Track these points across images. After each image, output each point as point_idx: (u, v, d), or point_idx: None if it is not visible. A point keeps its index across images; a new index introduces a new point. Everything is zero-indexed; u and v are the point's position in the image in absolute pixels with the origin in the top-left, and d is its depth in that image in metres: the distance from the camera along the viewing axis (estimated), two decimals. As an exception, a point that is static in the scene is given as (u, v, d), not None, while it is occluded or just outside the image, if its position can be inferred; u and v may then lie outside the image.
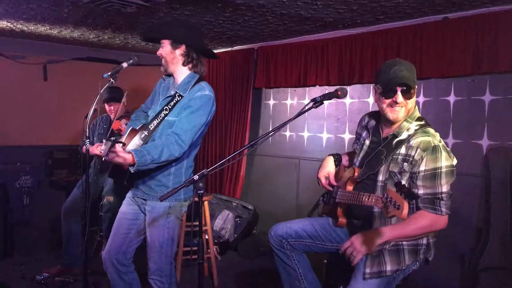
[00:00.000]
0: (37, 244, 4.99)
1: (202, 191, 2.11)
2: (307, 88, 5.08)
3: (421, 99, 4.10)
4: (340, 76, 4.57)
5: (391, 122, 2.35)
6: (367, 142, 2.52)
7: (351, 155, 2.72)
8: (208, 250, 4.27)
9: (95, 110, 4.05)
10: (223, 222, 5.27)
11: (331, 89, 4.76)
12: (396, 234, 2.24)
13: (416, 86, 2.31)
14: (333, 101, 4.82)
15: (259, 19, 4.11)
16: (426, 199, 2.21)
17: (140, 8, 3.66)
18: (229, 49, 5.74)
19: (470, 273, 3.61)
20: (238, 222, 5.24)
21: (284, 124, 2.31)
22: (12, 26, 4.57)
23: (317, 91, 4.98)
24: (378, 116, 2.48)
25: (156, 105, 2.80)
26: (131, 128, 2.74)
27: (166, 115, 2.67)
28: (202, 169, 2.08)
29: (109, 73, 2.66)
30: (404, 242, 2.29)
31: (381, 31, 4.22)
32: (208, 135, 5.83)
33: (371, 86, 4.46)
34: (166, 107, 2.69)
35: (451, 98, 3.94)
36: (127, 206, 2.81)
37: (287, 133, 5.30)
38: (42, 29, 4.68)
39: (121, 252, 2.78)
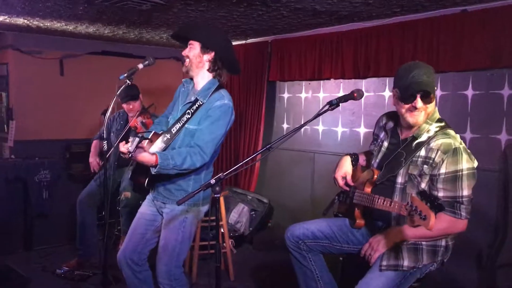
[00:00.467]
0: (56, 237, 5.10)
1: (218, 195, 2.13)
2: (321, 82, 5.05)
3: (438, 93, 4.04)
4: (355, 70, 4.53)
5: (410, 126, 2.33)
6: (386, 143, 2.50)
7: (368, 154, 2.71)
8: (224, 244, 4.31)
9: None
10: (238, 215, 5.30)
11: (346, 82, 4.79)
12: (414, 234, 2.23)
13: (436, 88, 2.29)
14: (348, 94, 4.78)
15: (273, 13, 4.07)
16: (446, 202, 2.19)
17: (154, 5, 3.66)
18: (243, 42, 5.72)
19: (488, 270, 3.59)
20: (253, 215, 5.27)
21: (300, 127, 2.32)
22: (28, 22, 4.60)
23: (332, 84, 4.94)
24: (396, 117, 2.46)
25: (177, 111, 2.82)
26: (153, 132, 2.77)
27: (187, 119, 2.69)
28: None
29: (125, 75, 2.68)
30: (423, 242, 2.29)
31: (397, 24, 4.16)
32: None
33: (387, 79, 4.42)
34: (188, 111, 2.70)
35: (469, 92, 3.88)
36: (146, 207, 2.85)
37: (296, 127, 5.28)
38: (57, 25, 4.72)
39: (137, 252, 2.81)
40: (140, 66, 2.74)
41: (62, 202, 5.20)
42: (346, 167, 2.64)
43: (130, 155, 2.40)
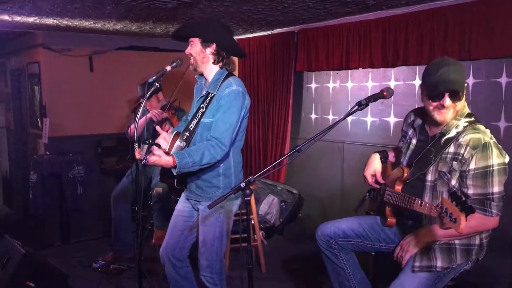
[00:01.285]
0: (92, 230, 5.26)
1: (249, 198, 2.15)
2: (349, 71, 4.98)
3: (471, 80, 3.94)
4: (384, 58, 4.45)
5: (438, 123, 2.28)
6: (414, 141, 2.46)
7: (397, 151, 2.67)
8: (255, 236, 4.34)
9: (139, 104, 4.16)
10: (268, 207, 5.33)
11: (375, 71, 4.71)
12: (445, 234, 2.20)
13: (466, 84, 2.23)
14: (377, 83, 4.72)
15: (299, 5, 4.02)
16: (476, 200, 2.15)
17: (180, 3, 3.67)
18: (269, 32, 5.68)
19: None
20: (283, 206, 5.29)
21: (330, 128, 2.29)
22: (57, 22, 4.68)
23: (360, 73, 4.87)
24: (424, 114, 2.41)
25: (193, 107, 2.88)
26: (176, 131, 2.82)
27: (202, 114, 2.72)
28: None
29: (153, 78, 2.70)
30: (456, 241, 2.25)
31: (427, 11, 4.05)
32: (250, 120, 5.85)
33: (417, 68, 4.33)
34: (202, 105, 2.75)
35: (503, 80, 3.77)
36: (182, 204, 2.92)
37: (330, 117, 5.24)
38: (86, 24, 4.79)
39: (178, 248, 2.89)
40: (168, 68, 2.76)
41: (96, 196, 5.35)
42: (375, 164, 2.62)
43: (144, 162, 2.45)
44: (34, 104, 5.84)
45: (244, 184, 2.13)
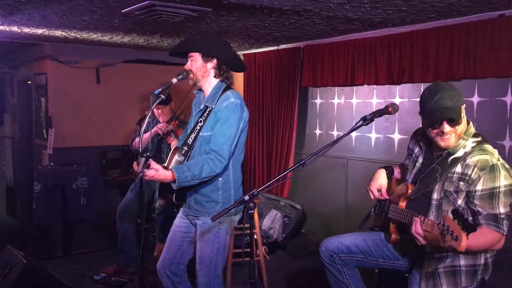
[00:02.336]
0: (94, 241, 5.24)
1: (252, 211, 2.15)
2: (354, 87, 4.99)
3: (476, 99, 3.94)
4: (389, 75, 4.46)
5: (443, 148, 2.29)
6: (420, 159, 2.46)
7: (403, 168, 2.67)
8: (257, 251, 4.32)
9: (145, 116, 4.18)
10: (271, 221, 5.31)
11: (380, 88, 4.72)
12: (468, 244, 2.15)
13: (463, 106, 2.23)
14: (382, 100, 4.73)
15: (305, 21, 4.06)
16: (489, 216, 2.14)
17: (187, 17, 3.71)
18: (275, 48, 5.72)
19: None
20: (286, 221, 5.27)
21: (334, 143, 2.29)
22: (66, 34, 4.74)
23: (365, 90, 4.89)
24: None
25: (191, 121, 2.89)
26: (175, 146, 2.83)
27: (201, 127, 2.73)
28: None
29: (159, 90, 2.71)
30: (461, 263, 2.23)
31: (432, 29, 4.08)
32: (255, 135, 5.87)
33: (422, 85, 4.34)
34: (200, 119, 2.76)
35: (508, 99, 3.77)
36: (179, 219, 2.90)
37: (335, 133, 5.25)
38: (94, 36, 4.84)
39: (175, 263, 2.87)
40: (174, 80, 2.77)
41: (100, 207, 5.35)
42: (381, 179, 2.61)
43: (141, 175, 2.45)
44: (40, 115, 5.88)
45: (248, 197, 2.13)
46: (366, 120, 2.27)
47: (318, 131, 5.47)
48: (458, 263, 2.24)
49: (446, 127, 2.18)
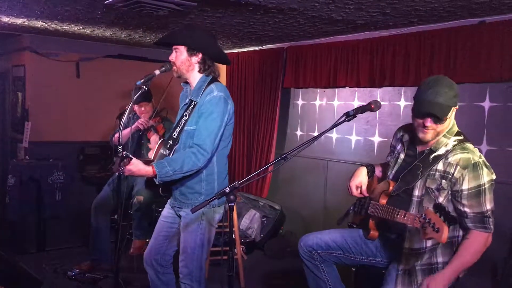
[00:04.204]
0: (69, 238, 5.13)
1: (233, 204, 2.13)
2: (336, 89, 5.03)
3: (455, 104, 4.00)
4: (371, 78, 4.51)
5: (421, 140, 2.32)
6: (402, 155, 2.48)
7: (385, 166, 2.69)
8: (235, 250, 4.29)
9: (125, 110, 4.13)
10: (249, 221, 5.29)
11: (361, 91, 4.77)
12: (459, 266, 2.20)
13: (454, 108, 2.25)
14: (363, 102, 4.76)
15: (289, 21, 4.08)
16: (476, 218, 2.18)
17: (171, 11, 3.68)
18: (258, 48, 5.73)
19: (503, 283, 3.54)
20: (265, 222, 5.26)
21: (317, 137, 2.30)
22: (46, 25, 4.66)
23: (347, 92, 4.93)
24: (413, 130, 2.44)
25: (178, 114, 2.87)
26: (162, 139, 2.82)
27: (185, 122, 2.73)
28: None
29: (141, 81, 2.67)
30: (439, 260, 2.25)
31: (414, 34, 4.14)
32: (235, 134, 5.85)
33: (402, 88, 4.40)
34: (185, 113, 2.76)
35: (486, 104, 3.84)
36: (167, 211, 2.91)
37: (316, 134, 5.27)
38: (75, 28, 4.76)
39: (161, 253, 2.87)
40: (157, 72, 2.73)
41: (75, 204, 5.24)
42: (361, 177, 2.62)
43: (119, 173, 2.44)
44: (17, 108, 5.75)
45: (228, 189, 2.11)
46: (349, 116, 2.28)
47: (299, 132, 5.48)
48: (436, 261, 2.26)
49: (428, 122, 2.21)
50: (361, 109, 2.30)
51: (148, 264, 2.91)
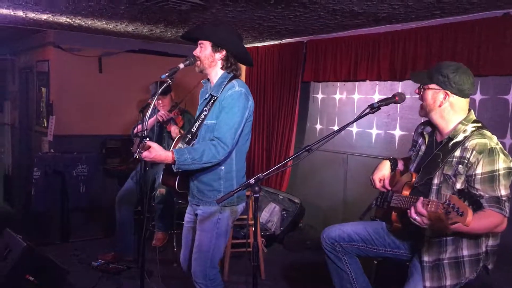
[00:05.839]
0: (92, 230, 5.24)
1: (258, 195, 2.16)
2: (356, 83, 5.01)
3: (478, 97, 3.97)
4: (392, 71, 4.49)
5: (439, 126, 2.38)
6: (423, 148, 2.49)
7: (407, 160, 2.69)
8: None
9: (148, 104, 4.19)
10: (269, 215, 5.32)
11: (382, 84, 4.74)
12: (461, 228, 2.08)
13: (433, 86, 2.33)
14: (383, 96, 4.73)
15: (310, 14, 4.08)
16: (491, 199, 2.14)
17: (194, 5, 3.72)
18: (278, 42, 5.73)
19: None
20: (285, 215, 5.29)
21: (341, 129, 2.31)
22: (70, 21, 4.74)
23: (367, 85, 4.91)
24: (433, 124, 2.45)
25: (198, 109, 2.89)
26: (179, 135, 2.83)
27: (205, 117, 2.74)
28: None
29: (166, 74, 2.71)
30: (465, 253, 2.25)
31: (437, 26, 4.10)
32: (255, 128, 5.88)
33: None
34: (205, 108, 2.77)
35: (510, 97, 3.80)
36: (188, 216, 2.90)
37: (336, 128, 5.26)
38: (98, 24, 4.84)
39: None
40: (181, 65, 2.77)
41: (98, 196, 5.34)
42: (384, 170, 2.63)
43: (137, 156, 2.45)
44: (41, 103, 5.87)
45: (253, 180, 2.14)
46: (374, 108, 2.29)
47: (319, 126, 5.48)
48: (462, 254, 2.24)
49: (417, 89, 2.41)
50: (385, 101, 2.31)
51: (187, 271, 2.88)
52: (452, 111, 2.32)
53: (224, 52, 2.72)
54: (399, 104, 4.53)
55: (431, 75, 2.32)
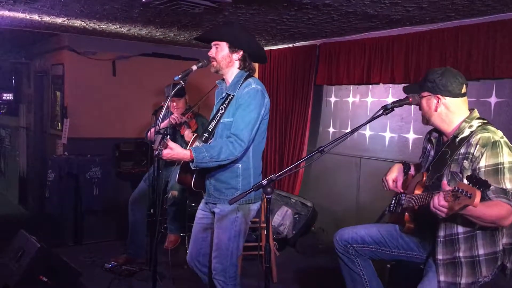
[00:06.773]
0: (105, 232, 5.27)
1: (270, 196, 2.15)
2: (370, 86, 4.99)
3: (493, 99, 3.92)
4: (406, 74, 4.45)
5: (442, 129, 2.39)
6: (432, 152, 2.51)
7: (418, 166, 2.68)
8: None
9: (161, 106, 4.21)
10: (281, 218, 5.31)
11: (396, 87, 4.71)
12: (466, 211, 2.03)
13: (425, 94, 2.38)
14: (397, 99, 4.70)
15: (323, 17, 4.07)
16: (498, 190, 2.10)
17: (207, 8, 3.73)
18: (291, 45, 5.73)
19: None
20: (297, 218, 5.26)
21: (354, 130, 2.30)
22: (85, 24, 4.79)
23: (380, 89, 4.88)
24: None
25: (213, 109, 2.90)
26: (196, 134, 2.84)
27: (222, 115, 2.75)
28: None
29: (179, 76, 2.72)
30: (480, 252, 2.21)
31: (451, 29, 4.07)
32: (268, 131, 5.83)
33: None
34: (221, 106, 2.78)
35: (526, 100, 3.75)
36: (200, 212, 2.92)
37: (348, 131, 5.23)
38: (112, 27, 4.88)
39: (201, 254, 2.89)
40: (194, 67, 2.78)
41: (111, 199, 5.37)
42: (397, 172, 2.61)
43: (157, 154, 2.46)
44: (55, 106, 5.93)
45: (265, 181, 2.13)
46: (387, 109, 2.28)
47: (331, 129, 5.46)
48: (477, 253, 2.20)
49: (410, 98, 2.44)
50: (399, 103, 2.30)
51: (193, 266, 2.93)
52: (450, 113, 2.34)
53: (241, 52, 2.74)
54: (412, 107, 4.53)
55: (422, 84, 2.39)
